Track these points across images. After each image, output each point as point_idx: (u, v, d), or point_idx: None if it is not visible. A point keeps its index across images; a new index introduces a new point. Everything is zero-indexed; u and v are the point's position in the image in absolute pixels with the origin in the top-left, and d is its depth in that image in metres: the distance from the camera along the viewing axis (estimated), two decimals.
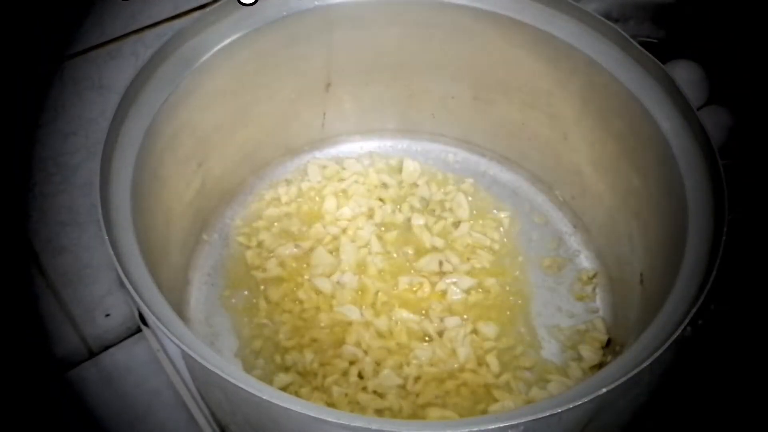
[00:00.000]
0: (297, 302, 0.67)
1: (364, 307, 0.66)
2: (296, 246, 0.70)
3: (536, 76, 0.68)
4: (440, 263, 0.69)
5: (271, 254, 0.70)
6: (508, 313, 0.67)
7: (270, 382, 0.61)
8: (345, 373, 0.62)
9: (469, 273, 0.69)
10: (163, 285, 0.50)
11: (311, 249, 0.70)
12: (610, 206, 0.69)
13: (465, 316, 0.66)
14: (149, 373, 0.71)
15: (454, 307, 0.67)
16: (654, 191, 0.61)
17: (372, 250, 0.70)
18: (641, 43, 0.61)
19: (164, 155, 0.59)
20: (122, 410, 0.69)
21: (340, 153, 0.79)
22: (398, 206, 0.75)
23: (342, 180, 0.76)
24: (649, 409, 0.65)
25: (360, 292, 0.67)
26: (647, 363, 0.44)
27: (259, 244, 0.71)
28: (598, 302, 0.69)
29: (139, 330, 0.75)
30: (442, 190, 0.77)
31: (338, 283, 0.68)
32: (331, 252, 0.70)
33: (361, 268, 0.69)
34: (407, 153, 0.80)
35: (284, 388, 0.61)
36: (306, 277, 0.68)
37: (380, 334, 0.65)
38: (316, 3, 0.65)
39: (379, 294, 0.67)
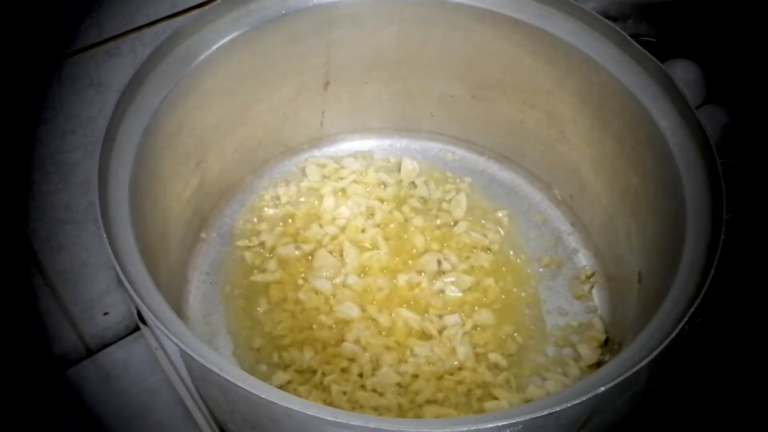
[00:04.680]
0: (297, 302, 0.67)
1: (363, 305, 0.66)
2: (297, 247, 0.70)
3: (535, 75, 0.68)
4: (439, 262, 0.69)
5: (271, 255, 0.70)
6: (506, 311, 0.67)
7: (269, 381, 0.61)
8: (344, 371, 0.62)
9: (468, 272, 0.70)
10: (161, 283, 0.50)
11: (313, 250, 0.70)
12: (609, 205, 0.69)
13: (463, 315, 0.66)
14: (147, 371, 0.71)
15: (453, 305, 0.67)
16: (652, 190, 0.61)
17: (371, 250, 0.71)
18: (639, 42, 0.61)
19: (163, 154, 0.59)
20: (120, 408, 0.69)
21: (339, 152, 0.79)
22: (397, 205, 0.75)
23: (341, 179, 0.76)
24: (646, 407, 0.65)
25: (360, 292, 0.67)
26: (645, 362, 0.44)
27: (260, 244, 0.71)
28: (597, 301, 0.70)
29: (137, 328, 0.75)
30: (440, 189, 0.77)
31: (339, 284, 0.68)
32: (332, 253, 0.70)
33: (361, 268, 0.69)
34: (406, 152, 0.80)
35: (283, 387, 0.61)
36: (307, 278, 0.68)
37: (380, 332, 0.65)
38: (315, 2, 0.65)
39: (379, 293, 0.67)
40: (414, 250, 0.71)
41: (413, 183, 0.77)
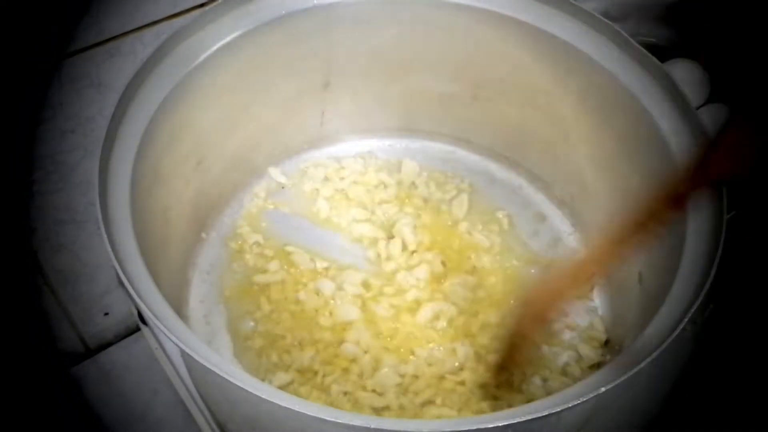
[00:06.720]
0: (297, 303, 0.67)
1: (364, 306, 0.66)
2: (297, 248, 0.70)
3: (535, 76, 0.68)
4: (439, 262, 0.69)
5: (271, 255, 0.70)
6: (506, 311, 0.67)
7: (269, 381, 0.61)
8: (345, 372, 0.62)
9: (468, 272, 0.69)
10: (161, 283, 0.50)
11: (312, 250, 0.70)
12: (609, 205, 0.69)
13: (464, 315, 0.66)
14: (148, 371, 0.71)
15: (454, 305, 0.67)
16: (653, 190, 0.61)
17: (371, 250, 0.70)
18: (640, 43, 0.61)
19: (163, 154, 0.59)
20: (120, 409, 0.69)
21: (339, 152, 0.79)
22: (397, 206, 0.75)
23: (341, 179, 0.76)
24: (646, 407, 0.65)
25: (360, 293, 0.67)
26: (646, 362, 0.44)
27: (260, 245, 0.71)
28: (597, 301, 0.69)
29: (137, 329, 0.74)
30: (441, 190, 0.76)
31: (339, 284, 0.68)
32: (331, 252, 0.70)
33: (361, 268, 0.69)
34: (406, 152, 0.80)
35: (283, 387, 0.61)
36: (307, 278, 0.68)
37: (380, 333, 0.65)
38: (315, 2, 0.65)
39: (379, 293, 0.67)
40: (414, 251, 0.71)
41: (414, 183, 0.77)
